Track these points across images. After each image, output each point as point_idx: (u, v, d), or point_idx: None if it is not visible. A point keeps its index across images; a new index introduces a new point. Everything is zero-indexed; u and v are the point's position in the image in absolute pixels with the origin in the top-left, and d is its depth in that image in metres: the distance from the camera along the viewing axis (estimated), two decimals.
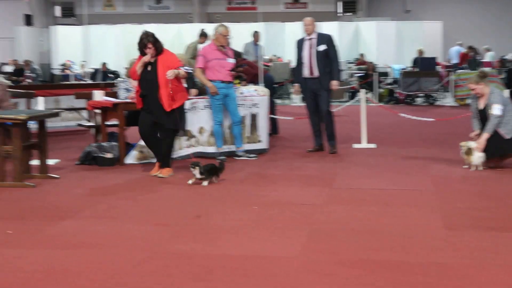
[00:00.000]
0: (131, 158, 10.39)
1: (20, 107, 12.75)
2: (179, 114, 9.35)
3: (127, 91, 10.75)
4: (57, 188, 8.65)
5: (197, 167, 8.61)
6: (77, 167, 10.24)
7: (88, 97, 11.58)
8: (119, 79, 13.89)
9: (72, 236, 6.33)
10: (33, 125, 10.29)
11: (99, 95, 10.66)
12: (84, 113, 14.69)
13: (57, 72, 28.68)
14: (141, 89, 9.25)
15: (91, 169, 10.00)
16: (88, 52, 30.51)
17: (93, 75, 27.13)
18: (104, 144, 10.31)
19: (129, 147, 10.62)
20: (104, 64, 27.16)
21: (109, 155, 10.20)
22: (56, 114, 10.02)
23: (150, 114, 9.18)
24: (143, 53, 9.18)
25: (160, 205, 7.61)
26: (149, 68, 9.14)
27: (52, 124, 11.85)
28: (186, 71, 9.52)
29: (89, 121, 13.98)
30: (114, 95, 11.10)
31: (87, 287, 4.91)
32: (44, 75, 27.35)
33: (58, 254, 5.75)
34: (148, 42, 9.13)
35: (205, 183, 8.57)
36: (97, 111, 11.12)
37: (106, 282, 5.02)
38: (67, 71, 28.17)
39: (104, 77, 26.42)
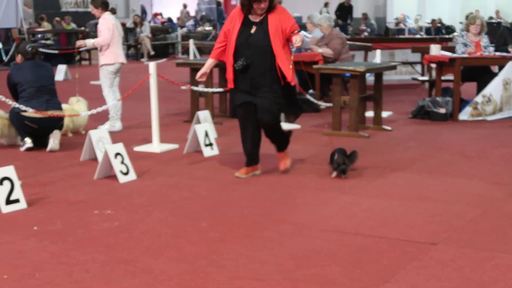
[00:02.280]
0: (465, 114, 10.21)
1: (357, 59, 13.13)
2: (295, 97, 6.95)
3: (465, 45, 10.50)
4: (389, 140, 8.80)
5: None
6: (409, 120, 10.33)
7: (425, 51, 11.56)
8: (455, 33, 13.64)
9: (404, 188, 6.42)
10: (369, 77, 10.55)
11: (435, 49, 10.57)
12: (418, 67, 14.70)
13: (391, 25, 28.96)
14: (236, 59, 6.61)
15: (423, 123, 10.02)
16: (423, 6, 30.29)
17: (428, 29, 26.94)
18: (438, 98, 10.23)
19: (463, 103, 10.44)
20: (434, 20, 26.80)
21: (442, 110, 10.12)
22: (393, 67, 10.14)
23: (248, 95, 6.66)
24: (248, 10, 6.61)
25: (495, 164, 7.39)
26: (252, 30, 6.61)
27: (386, 77, 12.02)
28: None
29: (423, 75, 13.99)
30: (451, 49, 10.93)
31: (419, 239, 4.96)
32: (379, 29, 27.77)
33: (390, 205, 5.88)
34: None
35: (335, 174, 6.85)
36: (433, 65, 11.07)
37: (438, 235, 5.03)
38: (401, 25, 28.31)
39: (438, 32, 26.12)
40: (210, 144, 7.90)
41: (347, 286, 4.12)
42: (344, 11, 25.95)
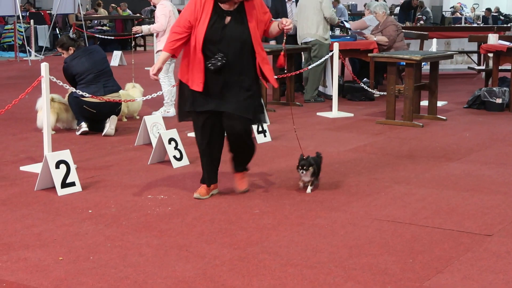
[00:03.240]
0: None
1: (412, 48, 12.98)
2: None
3: None
4: (444, 129, 8.69)
5: (310, 169, 5.82)
6: (464, 110, 10.18)
7: (482, 40, 11.37)
8: None
9: (459, 178, 6.34)
10: (424, 66, 10.41)
11: (493, 39, 10.39)
12: (474, 57, 14.47)
13: (447, 14, 28.54)
14: (207, 56, 5.42)
15: (479, 113, 9.87)
16: None
17: (484, 18, 26.49)
18: (495, 88, 10.05)
19: None
20: (488, 9, 26.33)
21: (499, 100, 9.95)
22: (450, 56, 10.01)
23: (214, 100, 5.45)
24: None
25: None
26: (226, 21, 5.46)
27: (442, 66, 11.85)
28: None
29: (479, 64, 13.77)
30: (509, 39, 10.73)
31: (474, 230, 4.90)
32: (435, 18, 27.36)
33: (445, 195, 5.81)
34: None
35: (309, 189, 5.91)
36: (490, 54, 10.88)
37: (493, 227, 4.95)
38: (458, 14, 27.89)
39: (496, 21, 25.66)
40: (263, 131, 7.91)
41: (399, 276, 4.09)
42: (409, 8, 25.52)
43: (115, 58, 17.04)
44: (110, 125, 8.16)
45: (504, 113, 9.85)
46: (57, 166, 5.84)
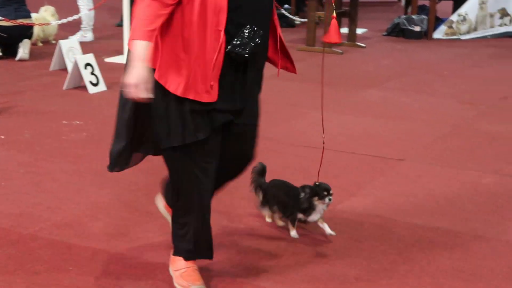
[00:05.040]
0: (440, 33, 10.18)
1: None
2: None
3: None
4: (364, 57, 8.77)
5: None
6: (383, 38, 10.28)
7: None
8: None
9: (377, 105, 6.43)
10: None
11: None
12: None
13: None
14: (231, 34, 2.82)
15: (397, 41, 9.98)
16: None
17: None
18: (414, 16, 10.16)
19: (438, 21, 10.39)
20: None
21: (417, 28, 10.06)
22: None
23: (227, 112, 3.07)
24: None
25: (469, 84, 7.40)
26: None
27: None
28: None
29: None
30: None
31: (388, 154, 4.99)
32: None
33: (361, 121, 5.89)
34: None
35: (293, 233, 3.73)
36: None
37: (406, 152, 5.06)
38: None
39: None
40: None
41: None
42: None
43: None
44: (23, 49, 7.90)
45: (422, 41, 9.98)
46: None
